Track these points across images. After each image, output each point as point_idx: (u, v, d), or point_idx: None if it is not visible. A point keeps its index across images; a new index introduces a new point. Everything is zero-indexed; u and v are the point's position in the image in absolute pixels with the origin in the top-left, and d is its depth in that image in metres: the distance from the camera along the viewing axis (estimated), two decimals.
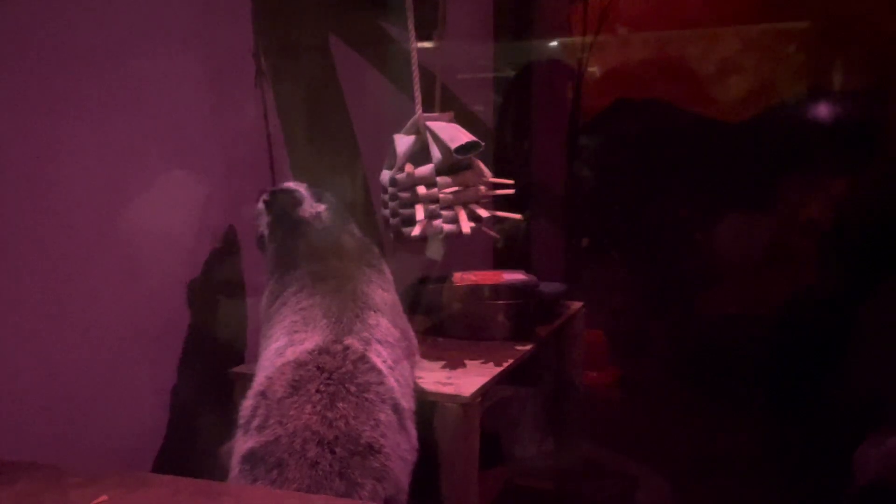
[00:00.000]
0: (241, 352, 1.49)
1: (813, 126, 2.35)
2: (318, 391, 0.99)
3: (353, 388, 1.00)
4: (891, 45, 2.20)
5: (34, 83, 1.07)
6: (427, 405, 1.23)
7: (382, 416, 1.00)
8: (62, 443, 1.12)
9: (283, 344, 1.10)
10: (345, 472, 0.94)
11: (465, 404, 1.26)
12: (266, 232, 1.31)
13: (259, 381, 1.05)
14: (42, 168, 1.09)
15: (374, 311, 1.14)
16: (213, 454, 1.12)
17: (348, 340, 1.06)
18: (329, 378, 1.00)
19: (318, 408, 0.97)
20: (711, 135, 2.45)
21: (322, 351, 1.04)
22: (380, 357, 1.07)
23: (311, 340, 1.07)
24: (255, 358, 1.16)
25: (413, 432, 1.08)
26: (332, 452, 0.94)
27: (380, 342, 1.10)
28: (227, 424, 1.38)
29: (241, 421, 1.02)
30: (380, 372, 1.05)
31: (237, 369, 1.41)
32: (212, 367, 1.41)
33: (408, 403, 1.09)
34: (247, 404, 1.03)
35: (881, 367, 1.86)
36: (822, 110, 2.36)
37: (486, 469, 1.41)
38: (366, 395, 1.01)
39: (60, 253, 1.12)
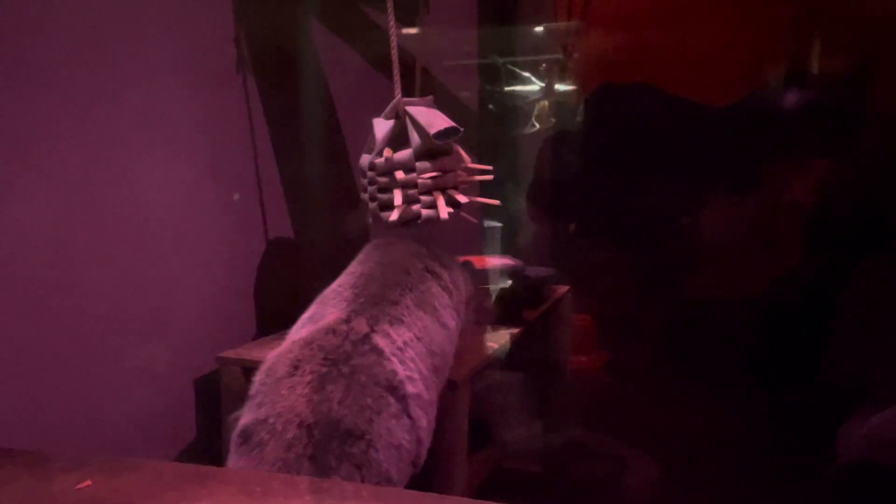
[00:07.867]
0: (229, 337, 1.48)
1: (797, 109, 2.36)
2: (311, 372, 0.98)
3: (345, 370, 0.98)
4: (873, 28, 2.21)
5: (10, 71, 1.06)
6: None
7: (370, 401, 0.98)
8: (45, 431, 1.11)
9: (308, 316, 1.11)
10: (317, 455, 0.92)
11: (454, 388, 1.27)
12: None
13: (270, 356, 1.05)
14: (19, 157, 1.08)
15: (403, 289, 1.13)
16: (200, 440, 1.12)
17: (355, 321, 1.05)
18: (325, 359, 0.99)
19: (307, 390, 0.96)
20: (697, 118, 2.45)
21: (329, 331, 1.03)
22: (387, 338, 1.05)
23: (327, 318, 1.07)
24: (241, 343, 1.15)
25: (422, 422, 1.05)
26: (310, 436, 0.93)
27: (392, 322, 1.08)
28: (214, 411, 1.38)
29: (250, 394, 1.02)
30: (380, 353, 1.02)
31: (223, 354, 1.41)
32: (198, 354, 1.40)
33: (417, 389, 1.04)
34: (256, 379, 1.03)
35: (865, 346, 1.87)
36: (806, 93, 2.37)
37: (474, 452, 1.42)
38: (357, 377, 0.99)
39: (41, 241, 1.11)
